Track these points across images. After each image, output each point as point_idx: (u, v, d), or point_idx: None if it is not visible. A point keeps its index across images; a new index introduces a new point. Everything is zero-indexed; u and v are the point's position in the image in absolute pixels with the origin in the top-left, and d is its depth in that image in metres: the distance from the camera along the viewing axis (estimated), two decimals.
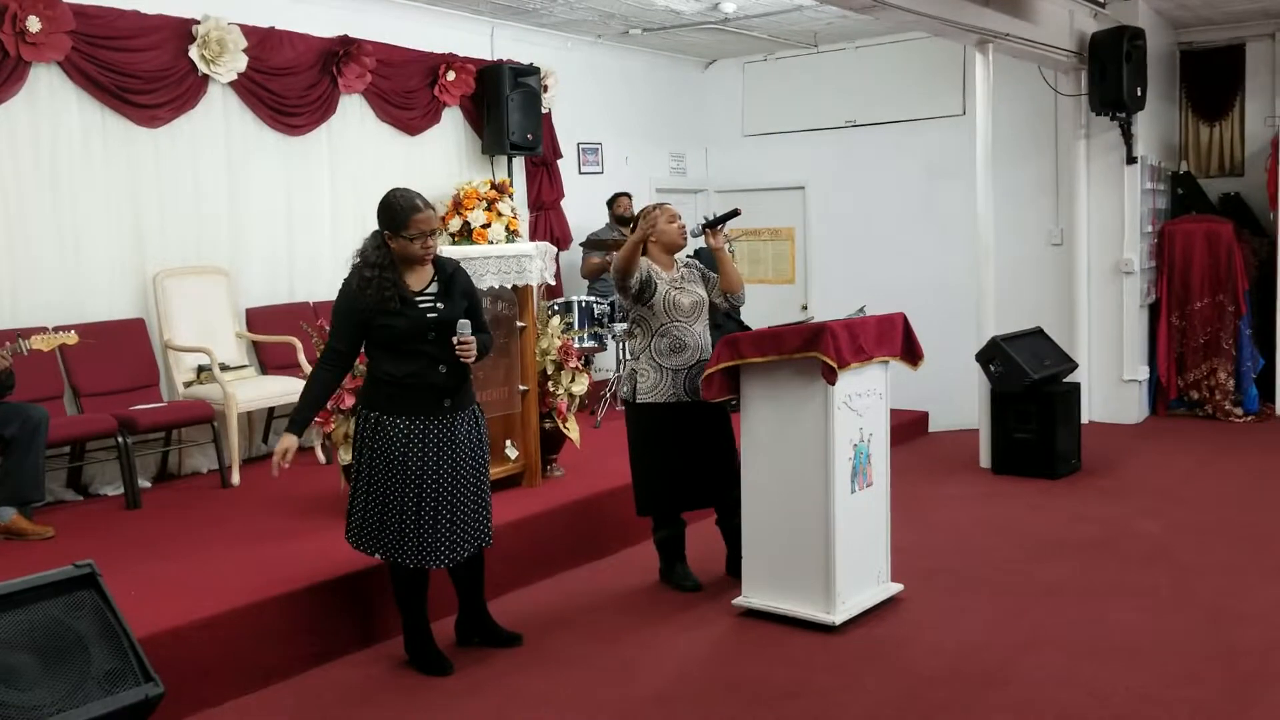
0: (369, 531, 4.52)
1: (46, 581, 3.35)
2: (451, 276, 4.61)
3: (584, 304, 9.01)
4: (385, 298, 4.41)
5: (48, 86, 6.89)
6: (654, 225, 5.50)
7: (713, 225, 5.68)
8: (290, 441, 4.51)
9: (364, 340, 4.55)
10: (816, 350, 4.85)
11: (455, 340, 4.46)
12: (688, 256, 5.92)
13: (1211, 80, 10.39)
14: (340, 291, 4.54)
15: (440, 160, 9.48)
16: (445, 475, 4.51)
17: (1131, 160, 9.48)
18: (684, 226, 5.66)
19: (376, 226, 4.53)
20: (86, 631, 3.35)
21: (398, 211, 4.46)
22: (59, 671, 3.25)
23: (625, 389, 5.70)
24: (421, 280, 4.55)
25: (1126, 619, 5.10)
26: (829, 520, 4.98)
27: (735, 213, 5.82)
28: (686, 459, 5.55)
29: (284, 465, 4.51)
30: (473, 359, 4.50)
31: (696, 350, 5.53)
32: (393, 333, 4.44)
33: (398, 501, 4.46)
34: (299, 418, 4.57)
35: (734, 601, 5.30)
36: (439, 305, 4.52)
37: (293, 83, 8.18)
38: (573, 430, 6.80)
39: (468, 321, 4.49)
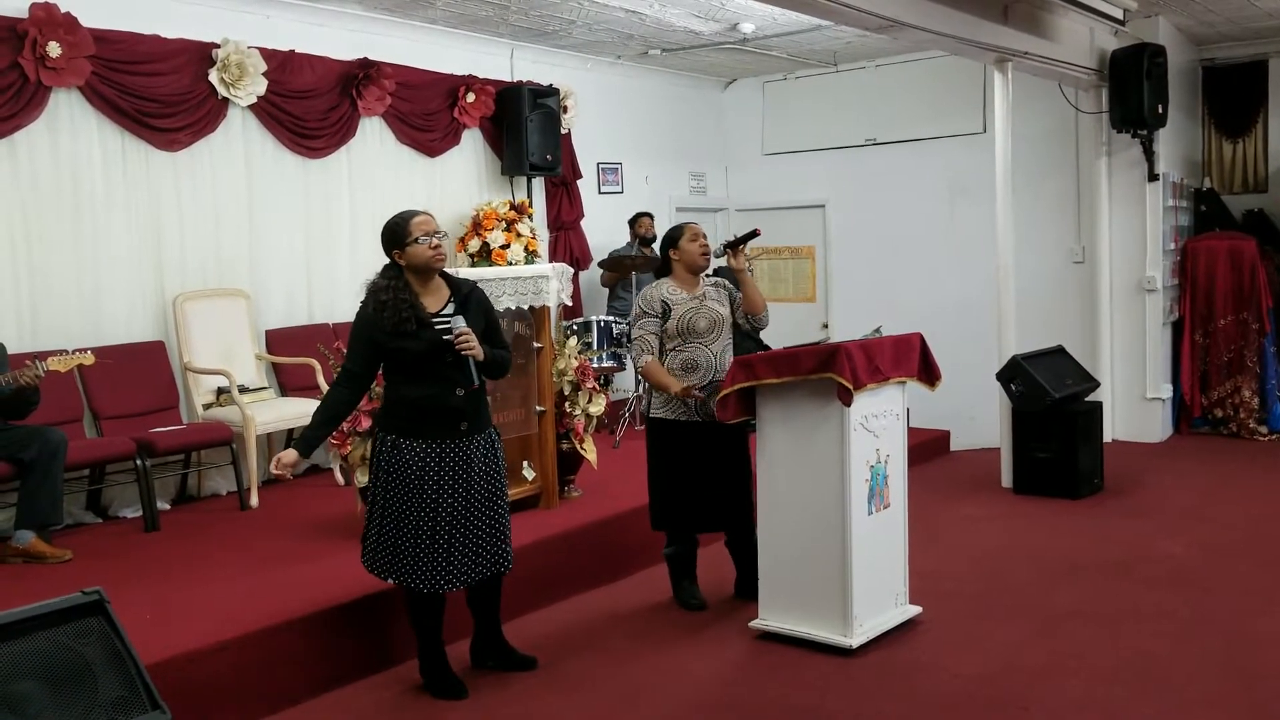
0: (383, 556, 4.50)
1: (54, 608, 3.34)
2: (468, 296, 4.60)
3: (603, 323, 9.01)
4: (402, 319, 4.40)
5: (68, 111, 6.95)
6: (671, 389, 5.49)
7: (734, 246, 5.67)
8: (291, 455, 4.49)
9: (379, 363, 4.55)
10: (832, 371, 4.83)
11: (453, 337, 4.42)
12: (714, 275, 5.89)
13: (1234, 96, 10.35)
14: (357, 315, 4.54)
15: (460, 181, 9.51)
16: (460, 499, 4.49)
17: (1153, 177, 9.42)
18: (707, 247, 5.65)
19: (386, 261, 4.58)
20: (94, 659, 3.34)
21: (397, 225, 4.52)
22: (66, 699, 3.24)
23: (645, 402, 5.71)
24: (438, 301, 4.54)
25: (1147, 643, 5.04)
26: (846, 542, 4.95)
27: (755, 233, 5.81)
28: (698, 478, 5.53)
29: (280, 473, 4.50)
30: (475, 351, 4.43)
31: (710, 370, 5.50)
32: (409, 355, 4.43)
33: (412, 525, 4.44)
34: (308, 435, 4.59)
35: (750, 624, 5.26)
36: (450, 324, 4.51)
37: (312, 106, 8.22)
38: (590, 451, 6.78)
39: (460, 317, 4.46)
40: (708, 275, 5.76)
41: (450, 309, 4.53)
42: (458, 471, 4.49)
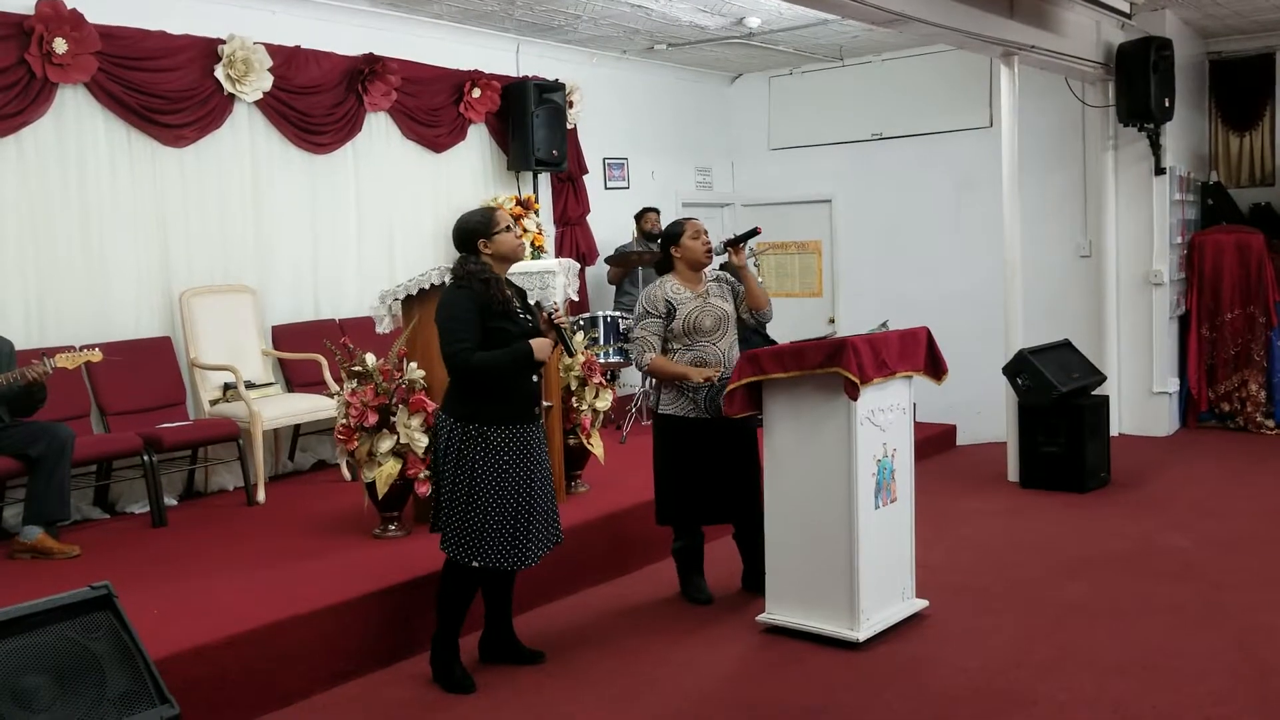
0: (469, 539, 4.55)
1: (62, 603, 3.36)
2: (523, 292, 4.81)
3: (609, 319, 9.00)
4: (507, 297, 4.60)
5: (74, 107, 6.95)
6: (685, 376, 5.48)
7: (734, 244, 5.68)
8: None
9: None
10: (838, 365, 4.82)
11: (547, 314, 4.73)
12: (719, 270, 5.90)
13: (1241, 90, 10.31)
14: (453, 300, 4.57)
15: (466, 177, 9.51)
16: (539, 479, 4.66)
17: (1160, 171, 9.41)
18: (709, 244, 5.64)
19: (459, 254, 4.71)
20: (102, 653, 3.36)
21: (484, 216, 4.72)
22: (74, 693, 3.25)
23: (653, 398, 5.73)
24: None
25: (1155, 637, 5.04)
26: (852, 536, 4.95)
27: (755, 231, 5.88)
28: (706, 474, 5.53)
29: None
30: (566, 322, 4.74)
31: (719, 368, 5.50)
32: (506, 337, 4.56)
33: (498, 507, 4.54)
34: (514, 358, 4.57)
35: (758, 618, 5.26)
36: (528, 316, 4.70)
37: (318, 101, 8.22)
38: (597, 446, 6.78)
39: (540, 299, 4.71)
40: (711, 271, 5.75)
41: (517, 301, 4.72)
42: (537, 453, 4.67)
